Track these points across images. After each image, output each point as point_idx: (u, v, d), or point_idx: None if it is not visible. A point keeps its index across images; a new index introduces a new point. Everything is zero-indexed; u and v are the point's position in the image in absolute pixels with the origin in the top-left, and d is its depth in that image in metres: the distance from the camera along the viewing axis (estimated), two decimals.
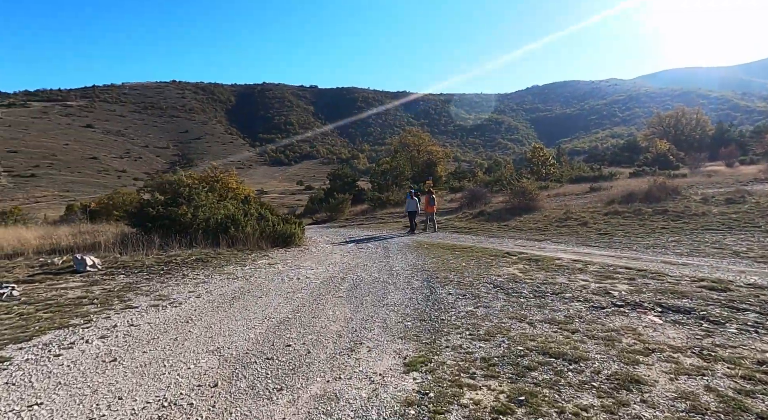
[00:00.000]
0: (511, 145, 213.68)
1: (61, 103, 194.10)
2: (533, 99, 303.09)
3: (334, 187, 38.79)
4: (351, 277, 7.05)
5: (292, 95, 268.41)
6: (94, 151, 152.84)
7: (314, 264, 8.50)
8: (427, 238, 13.35)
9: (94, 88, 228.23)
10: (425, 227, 15.98)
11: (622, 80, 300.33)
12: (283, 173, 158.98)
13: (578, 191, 26.29)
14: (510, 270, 7.34)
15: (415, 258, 8.99)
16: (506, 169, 53.77)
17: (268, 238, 10.89)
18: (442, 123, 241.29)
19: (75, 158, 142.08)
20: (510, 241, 11.56)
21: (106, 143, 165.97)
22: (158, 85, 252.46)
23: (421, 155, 46.89)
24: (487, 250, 9.64)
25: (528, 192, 18.08)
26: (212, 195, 11.88)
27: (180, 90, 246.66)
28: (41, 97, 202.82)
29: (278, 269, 7.79)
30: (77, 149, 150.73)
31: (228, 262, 8.34)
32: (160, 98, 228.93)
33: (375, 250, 10.59)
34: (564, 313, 4.85)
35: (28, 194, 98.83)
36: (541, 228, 13.79)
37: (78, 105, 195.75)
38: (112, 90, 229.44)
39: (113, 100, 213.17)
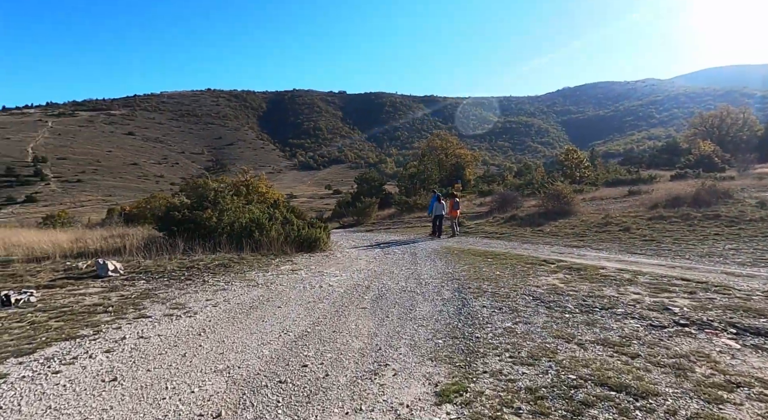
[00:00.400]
0: (542, 148, 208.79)
1: (105, 112, 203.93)
2: (564, 101, 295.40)
3: (361, 191, 38.58)
4: (376, 286, 6.59)
5: (321, 101, 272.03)
6: (135, 158, 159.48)
7: (338, 270, 8.09)
8: (456, 243, 12.75)
9: (135, 97, 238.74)
10: (453, 232, 15.38)
11: (660, 80, 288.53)
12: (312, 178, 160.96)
13: (616, 195, 24.99)
14: (549, 280, 6.69)
15: (445, 265, 8.45)
16: (537, 173, 52.29)
17: (292, 243, 10.59)
18: (470, 127, 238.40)
19: (117, 164, 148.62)
20: (546, 248, 10.82)
21: (145, 150, 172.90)
22: (194, 93, 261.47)
23: (449, 159, 46.12)
24: (522, 257, 8.98)
25: (563, 195, 17.16)
26: (238, 199, 11.72)
27: (214, 98, 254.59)
28: (88, 107, 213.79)
29: (301, 276, 7.42)
30: (119, 156, 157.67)
31: (251, 267, 8.06)
32: (196, 106, 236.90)
33: (402, 256, 10.10)
34: (618, 333, 4.21)
35: (74, 198, 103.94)
36: (579, 233, 12.93)
37: (120, 114, 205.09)
38: (151, 99, 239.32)
39: (152, 109, 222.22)
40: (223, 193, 10.79)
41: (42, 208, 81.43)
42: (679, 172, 33.47)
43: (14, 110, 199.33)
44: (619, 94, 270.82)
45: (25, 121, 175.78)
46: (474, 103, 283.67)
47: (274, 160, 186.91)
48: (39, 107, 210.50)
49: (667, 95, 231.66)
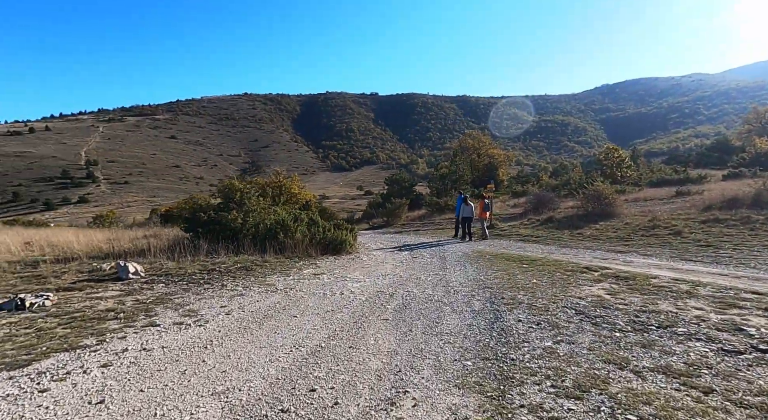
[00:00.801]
0: (578, 147, 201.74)
1: (150, 117, 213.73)
2: (603, 98, 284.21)
3: (391, 191, 38.16)
4: (401, 294, 6.10)
5: (353, 103, 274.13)
6: (177, 160, 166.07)
7: (362, 275, 7.66)
8: (488, 246, 12.05)
9: (178, 102, 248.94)
10: (483, 235, 14.67)
11: (708, 74, 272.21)
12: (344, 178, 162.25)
13: (662, 196, 23.41)
14: (594, 290, 5.98)
15: (476, 271, 7.84)
16: (575, 173, 50.19)
17: (318, 245, 10.27)
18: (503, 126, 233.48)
19: (161, 167, 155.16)
20: (587, 253, 9.98)
21: (186, 152, 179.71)
22: (232, 97, 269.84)
23: (481, 159, 44.98)
24: (561, 264, 8.24)
25: (604, 196, 16.04)
26: (264, 200, 11.54)
27: (251, 101, 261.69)
28: (135, 113, 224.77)
29: (323, 281, 7.03)
30: (163, 158, 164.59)
31: (272, 271, 7.76)
32: (234, 110, 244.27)
33: (430, 260, 9.56)
34: (683, 359, 3.54)
35: (122, 199, 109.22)
36: (624, 237, 11.94)
37: (164, 118, 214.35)
38: (192, 104, 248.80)
39: (193, 113, 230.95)
40: (249, 194, 10.62)
41: (93, 209, 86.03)
42: (732, 172, 31.14)
43: (70, 117, 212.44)
44: (662, 91, 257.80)
45: (79, 126, 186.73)
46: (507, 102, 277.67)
47: (307, 162, 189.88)
48: (91, 113, 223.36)
49: (716, 90, 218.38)
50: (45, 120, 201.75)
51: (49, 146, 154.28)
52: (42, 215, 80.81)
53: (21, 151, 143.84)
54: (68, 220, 61.36)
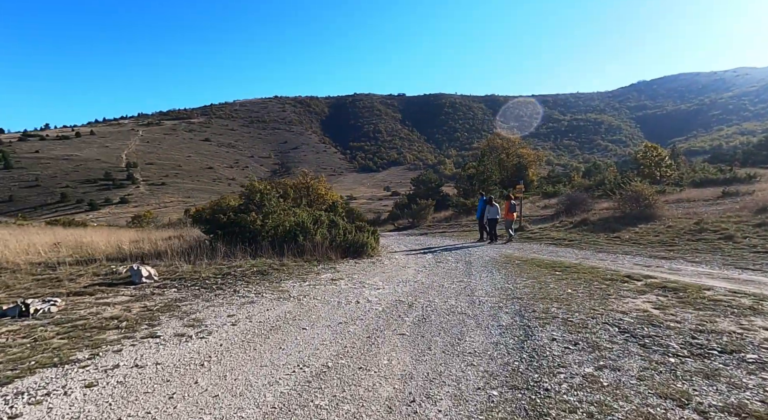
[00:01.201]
0: (612, 146, 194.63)
1: (186, 121, 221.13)
2: (639, 95, 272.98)
3: (417, 192, 37.59)
4: (421, 303, 5.61)
5: (381, 104, 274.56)
6: (210, 162, 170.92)
7: (382, 281, 7.22)
8: (518, 250, 11.35)
9: (212, 106, 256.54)
10: (509, 237, 13.96)
11: (754, 68, 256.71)
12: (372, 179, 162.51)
13: (707, 196, 21.89)
14: (638, 303, 5.31)
15: (504, 279, 7.25)
16: (609, 172, 48.10)
17: (338, 248, 9.90)
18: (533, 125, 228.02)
19: (195, 168, 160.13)
20: (626, 259, 9.17)
21: (219, 154, 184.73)
22: (263, 100, 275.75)
23: (510, 159, 43.74)
24: (598, 271, 7.52)
25: (643, 197, 14.99)
26: (285, 201, 11.28)
27: (281, 104, 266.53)
28: (171, 116, 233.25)
29: (339, 287, 6.63)
30: (197, 160, 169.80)
31: (289, 275, 7.42)
32: (264, 112, 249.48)
33: (455, 265, 9.01)
34: (759, 396, 2.91)
35: (159, 200, 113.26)
36: (667, 242, 10.98)
37: (199, 122, 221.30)
38: (225, 107, 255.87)
39: (226, 116, 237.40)
40: (269, 195, 10.37)
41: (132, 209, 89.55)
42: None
43: (112, 121, 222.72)
44: (704, 86, 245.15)
45: (121, 130, 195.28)
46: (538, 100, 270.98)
47: (335, 163, 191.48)
48: (132, 118, 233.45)
49: (763, 84, 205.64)
50: (90, 125, 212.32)
51: (93, 149, 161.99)
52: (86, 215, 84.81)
53: (68, 155, 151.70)
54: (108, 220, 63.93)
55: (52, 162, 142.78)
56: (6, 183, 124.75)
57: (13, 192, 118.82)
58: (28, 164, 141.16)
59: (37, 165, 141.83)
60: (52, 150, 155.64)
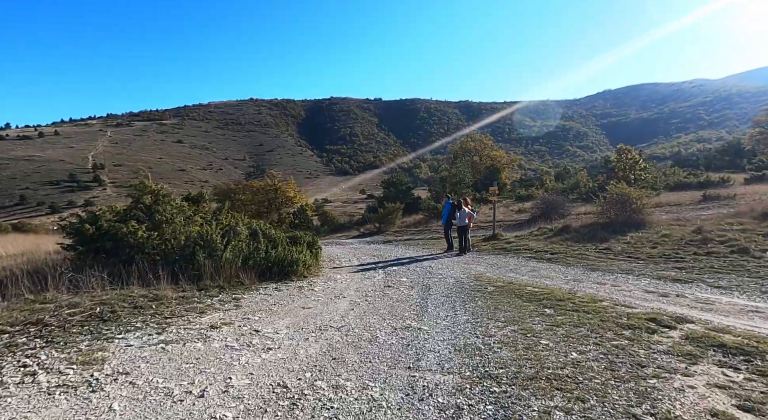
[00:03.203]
0: (580, 152, 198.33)
1: (157, 122, 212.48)
2: (605, 104, 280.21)
3: (388, 195, 35.17)
4: (315, 398, 3.08)
5: (358, 108, 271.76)
6: (183, 164, 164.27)
7: (289, 328, 4.66)
8: (491, 267, 8.96)
9: (185, 107, 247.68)
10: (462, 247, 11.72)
11: (709, 80, 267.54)
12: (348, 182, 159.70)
13: (686, 200, 20.37)
14: (702, 392, 2.92)
15: (471, 325, 4.76)
16: (581, 176, 47.04)
17: (255, 268, 7.28)
18: (505, 131, 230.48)
19: (167, 170, 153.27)
20: (630, 281, 6.91)
21: (192, 157, 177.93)
22: (238, 102, 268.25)
23: (483, 161, 41.94)
24: (604, 308, 5.16)
25: (630, 201, 12.96)
26: (191, 205, 8.56)
27: (257, 107, 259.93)
28: (142, 118, 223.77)
29: (208, 347, 4.01)
30: (169, 162, 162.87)
31: (144, 322, 4.73)
32: (239, 115, 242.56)
33: (407, 294, 6.50)
34: None
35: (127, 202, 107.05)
36: (671, 256, 8.82)
37: (171, 123, 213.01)
38: (200, 109, 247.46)
39: (200, 118, 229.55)
40: (167, 198, 7.63)
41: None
42: (755, 175, 28.36)
43: (79, 121, 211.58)
44: (664, 96, 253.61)
45: (88, 131, 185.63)
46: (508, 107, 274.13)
47: (311, 166, 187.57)
48: (100, 119, 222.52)
49: (718, 96, 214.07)
50: (55, 125, 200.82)
51: (58, 150, 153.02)
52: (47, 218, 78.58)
53: (29, 155, 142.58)
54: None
55: (11, 162, 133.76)
56: None
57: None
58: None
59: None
60: (12, 150, 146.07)
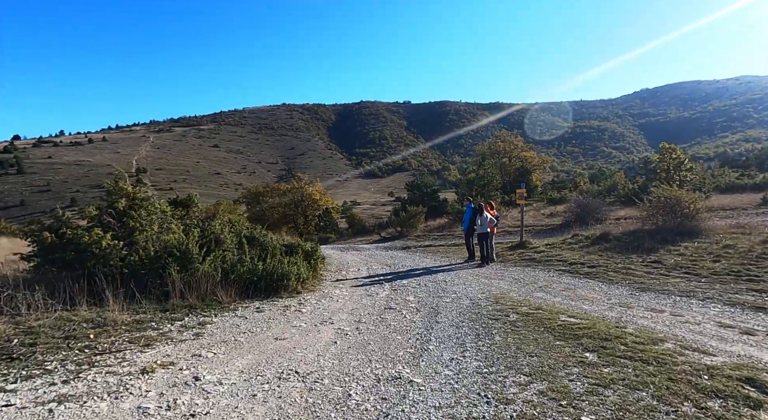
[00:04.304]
0: (616, 153, 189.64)
1: (195, 128, 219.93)
2: (642, 103, 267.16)
3: (412, 197, 33.89)
4: None
5: (387, 111, 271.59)
6: (218, 168, 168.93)
7: (241, 374, 3.54)
8: (516, 284, 7.55)
9: (221, 113, 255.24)
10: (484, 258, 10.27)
11: (756, 76, 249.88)
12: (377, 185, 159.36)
13: (743, 204, 18.06)
14: None
15: (483, 372, 3.48)
16: (618, 177, 44.07)
17: (238, 283, 6.24)
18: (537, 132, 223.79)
19: (203, 174, 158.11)
20: (695, 309, 5.37)
21: (228, 160, 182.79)
22: (271, 107, 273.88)
23: (512, 163, 39.86)
24: (667, 352, 3.71)
25: (682, 205, 11.15)
26: (179, 210, 7.64)
27: (289, 111, 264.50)
28: (182, 123, 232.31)
29: (110, 411, 2.93)
30: (205, 166, 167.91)
31: (64, 361, 3.70)
32: (273, 119, 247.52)
33: (408, 321, 5.24)
34: None
35: None
36: (739, 272, 7.12)
37: (208, 128, 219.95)
38: (235, 114, 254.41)
39: (235, 123, 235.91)
40: (147, 201, 6.73)
41: None
42: None
43: (124, 128, 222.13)
44: (707, 94, 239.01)
45: (132, 137, 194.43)
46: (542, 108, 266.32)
47: (340, 169, 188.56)
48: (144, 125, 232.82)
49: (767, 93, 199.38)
50: (103, 131, 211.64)
51: (105, 155, 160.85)
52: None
53: (80, 160, 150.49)
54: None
55: (64, 167, 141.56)
56: (18, 188, 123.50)
57: (25, 197, 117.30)
58: (40, 170, 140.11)
59: (49, 170, 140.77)
60: (65, 155, 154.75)
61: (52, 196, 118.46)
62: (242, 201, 46.71)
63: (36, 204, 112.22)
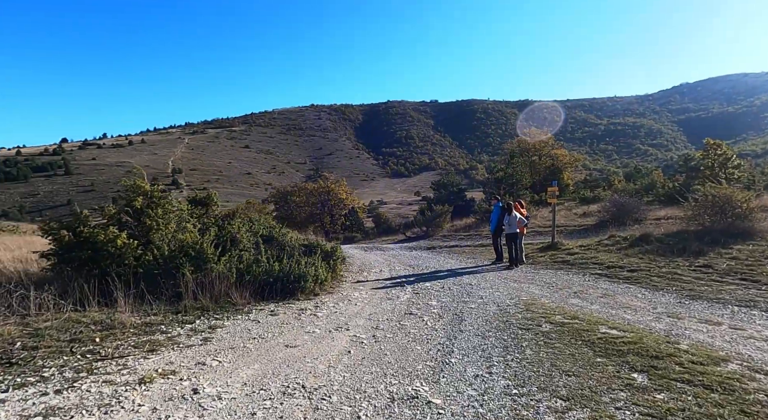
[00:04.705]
0: (653, 150, 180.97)
1: (228, 129, 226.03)
2: (682, 98, 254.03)
3: (438, 197, 33.29)
4: None
5: (414, 110, 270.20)
6: (249, 168, 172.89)
7: (244, 387, 3.24)
8: (548, 288, 6.97)
9: (252, 114, 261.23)
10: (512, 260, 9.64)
11: None
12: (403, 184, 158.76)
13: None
14: None
15: (512, 394, 3.02)
16: (656, 175, 41.88)
17: (253, 284, 6.00)
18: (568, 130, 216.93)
19: (235, 174, 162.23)
20: (755, 318, 4.71)
21: (258, 161, 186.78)
22: (300, 109, 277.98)
23: (542, 161, 38.47)
24: (733, 375, 3.13)
25: (732, 204, 10.18)
26: (197, 209, 7.50)
27: (317, 112, 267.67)
28: (215, 125, 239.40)
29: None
30: (237, 166, 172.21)
31: (62, 367, 3.52)
32: (301, 120, 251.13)
33: (430, 329, 4.82)
34: None
35: None
36: None
37: (239, 130, 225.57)
38: (265, 116, 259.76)
39: (265, 124, 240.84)
40: (164, 200, 6.61)
41: None
42: None
43: (161, 130, 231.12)
44: (754, 88, 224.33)
45: (169, 138, 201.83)
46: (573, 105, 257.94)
47: (367, 168, 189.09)
48: (179, 127, 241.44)
49: None
50: (142, 134, 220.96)
51: (143, 156, 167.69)
52: None
53: (121, 161, 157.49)
54: None
55: (107, 168, 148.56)
56: (66, 188, 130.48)
57: (71, 196, 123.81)
58: (85, 171, 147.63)
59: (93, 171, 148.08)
60: (107, 157, 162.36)
61: (95, 196, 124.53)
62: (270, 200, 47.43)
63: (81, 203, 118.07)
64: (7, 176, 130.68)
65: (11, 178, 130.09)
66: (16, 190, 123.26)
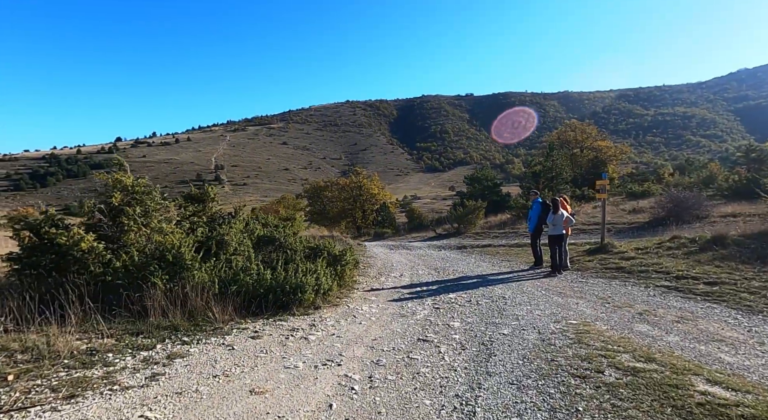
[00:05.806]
0: (705, 141, 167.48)
1: (267, 126, 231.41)
2: (740, 85, 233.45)
3: (472, 192, 31.48)
4: None
5: (448, 104, 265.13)
6: (287, 164, 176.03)
7: None
8: (602, 307, 5.49)
9: (290, 112, 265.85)
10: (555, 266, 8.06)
11: None
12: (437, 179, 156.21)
13: None
14: None
15: None
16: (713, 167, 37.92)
17: (241, 296, 4.98)
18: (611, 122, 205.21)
19: (273, 170, 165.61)
20: None
21: (295, 157, 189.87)
22: (335, 105, 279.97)
23: (585, 153, 35.68)
24: None
25: None
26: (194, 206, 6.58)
27: (352, 108, 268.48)
28: (254, 123, 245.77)
29: None
30: (275, 162, 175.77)
31: None
32: (336, 116, 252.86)
33: (448, 366, 3.56)
34: None
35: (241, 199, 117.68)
36: None
37: (278, 127, 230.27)
38: (302, 113, 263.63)
39: (302, 121, 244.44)
40: (147, 196, 5.72)
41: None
42: None
43: (205, 128, 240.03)
44: None
45: (212, 136, 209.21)
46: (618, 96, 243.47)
47: (401, 163, 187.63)
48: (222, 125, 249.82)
49: None
50: (187, 132, 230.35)
51: (189, 153, 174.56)
52: None
53: (168, 158, 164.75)
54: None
55: (155, 165, 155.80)
56: None
57: None
58: (137, 167, 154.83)
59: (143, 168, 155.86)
60: (156, 154, 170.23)
61: None
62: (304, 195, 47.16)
63: None
64: (69, 173, 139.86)
65: (72, 175, 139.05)
66: (77, 185, 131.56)
